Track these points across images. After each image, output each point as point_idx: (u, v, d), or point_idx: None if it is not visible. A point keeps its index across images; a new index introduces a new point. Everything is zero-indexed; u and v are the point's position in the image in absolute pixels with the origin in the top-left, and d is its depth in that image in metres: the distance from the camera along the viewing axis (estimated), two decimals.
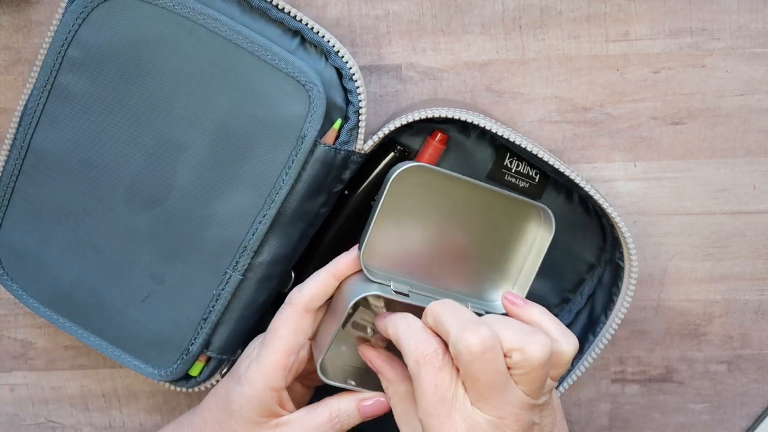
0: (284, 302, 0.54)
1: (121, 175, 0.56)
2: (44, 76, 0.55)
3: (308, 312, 0.54)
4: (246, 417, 0.54)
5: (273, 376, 0.53)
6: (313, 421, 0.54)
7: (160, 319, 0.59)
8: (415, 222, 0.55)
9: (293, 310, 0.54)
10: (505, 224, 0.57)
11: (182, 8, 0.53)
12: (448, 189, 0.55)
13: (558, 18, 0.59)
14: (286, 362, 0.53)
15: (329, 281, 0.54)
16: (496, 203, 0.56)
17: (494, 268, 0.58)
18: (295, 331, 0.54)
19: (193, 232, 0.57)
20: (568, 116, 0.61)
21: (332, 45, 0.55)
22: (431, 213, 0.55)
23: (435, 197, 0.55)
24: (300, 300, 0.54)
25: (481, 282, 0.58)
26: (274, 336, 0.54)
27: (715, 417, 0.68)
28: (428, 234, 0.56)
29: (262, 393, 0.53)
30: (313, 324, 0.55)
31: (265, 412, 0.54)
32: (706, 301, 0.65)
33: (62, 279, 0.59)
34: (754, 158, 0.61)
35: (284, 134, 0.54)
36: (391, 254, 0.55)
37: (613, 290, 0.59)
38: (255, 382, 0.53)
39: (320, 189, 0.57)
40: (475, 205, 0.56)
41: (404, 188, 0.54)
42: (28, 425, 0.69)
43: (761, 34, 0.59)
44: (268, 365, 0.53)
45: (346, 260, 0.54)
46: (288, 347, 0.53)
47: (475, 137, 0.60)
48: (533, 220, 0.57)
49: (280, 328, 0.54)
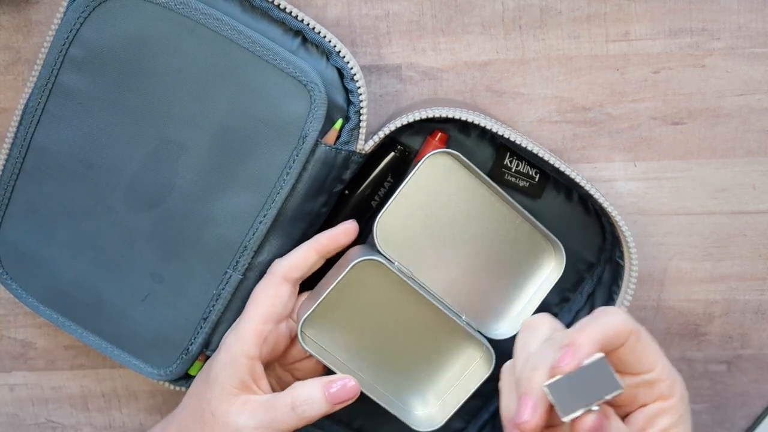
0: (266, 272, 0.56)
1: (121, 174, 0.56)
2: (45, 74, 0.55)
3: (287, 281, 0.55)
4: (220, 385, 0.54)
5: (248, 342, 0.54)
6: (275, 404, 0.53)
7: (159, 318, 0.59)
8: (440, 216, 0.57)
9: (272, 279, 0.55)
10: (520, 251, 0.58)
11: (184, 7, 0.53)
12: (479, 193, 0.57)
13: (558, 18, 0.59)
14: (262, 329, 0.54)
15: (309, 254, 0.55)
16: (518, 224, 0.58)
17: (499, 294, 0.59)
18: (273, 298, 0.54)
19: (193, 231, 0.57)
20: (568, 116, 0.61)
21: (333, 45, 0.55)
22: (457, 212, 0.57)
23: (466, 198, 0.56)
24: (279, 269, 0.55)
25: (483, 302, 0.59)
26: (252, 303, 0.55)
27: (715, 417, 0.68)
28: (448, 233, 0.57)
29: (236, 358, 0.53)
30: (292, 295, 0.55)
31: (237, 383, 0.53)
32: (706, 301, 0.65)
33: (62, 278, 0.59)
34: (754, 158, 0.61)
35: (285, 134, 0.54)
36: (401, 241, 0.57)
37: (613, 289, 0.59)
38: (230, 347, 0.54)
39: (321, 189, 0.57)
40: (500, 220, 0.57)
41: (438, 176, 0.56)
42: (28, 425, 0.69)
43: (761, 34, 0.59)
44: (244, 331, 0.54)
45: (328, 234, 0.56)
46: (264, 314, 0.54)
47: (475, 137, 0.60)
48: (548, 254, 0.59)
49: (258, 296, 0.55)
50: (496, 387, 0.65)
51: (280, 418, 0.53)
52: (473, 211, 0.57)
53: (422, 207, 0.56)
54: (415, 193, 0.56)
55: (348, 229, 0.57)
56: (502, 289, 0.59)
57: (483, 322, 0.59)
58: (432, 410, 0.59)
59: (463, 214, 0.57)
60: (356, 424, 0.66)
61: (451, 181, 0.56)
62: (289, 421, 0.53)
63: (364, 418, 0.65)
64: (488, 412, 0.65)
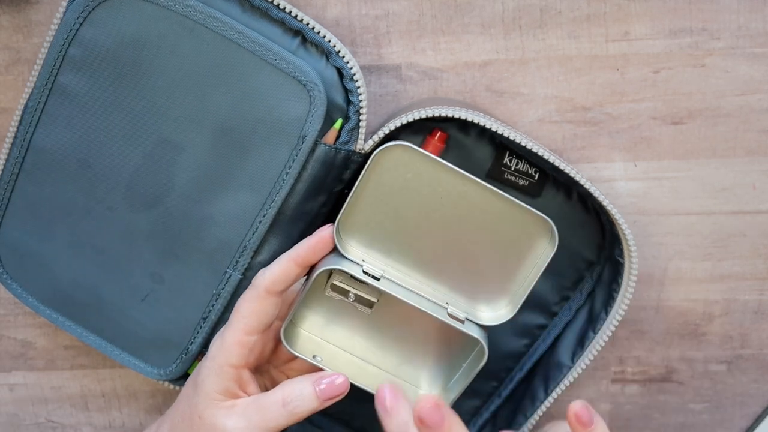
0: (251, 283, 0.55)
1: (121, 174, 0.56)
2: (45, 75, 0.55)
3: (270, 294, 0.54)
4: (206, 392, 0.54)
5: (232, 352, 0.53)
6: (265, 402, 0.53)
7: (159, 318, 0.59)
8: (408, 208, 0.55)
9: (255, 292, 0.54)
10: (506, 232, 0.55)
11: (183, 7, 0.53)
12: (445, 180, 0.54)
13: (558, 18, 0.59)
14: (246, 341, 0.53)
15: (289, 266, 0.54)
16: (500, 207, 0.54)
17: (489, 277, 0.57)
18: (257, 311, 0.54)
19: (193, 231, 0.57)
20: (568, 116, 0.61)
21: (333, 45, 0.55)
22: (427, 201, 0.55)
23: (431, 186, 0.54)
24: (261, 283, 0.54)
25: (471, 286, 0.57)
26: (236, 314, 0.54)
27: (715, 417, 0.68)
28: (423, 223, 0.55)
29: (220, 367, 0.53)
30: (277, 305, 0.55)
31: (222, 390, 0.53)
32: (706, 301, 0.65)
33: (62, 278, 0.59)
34: (754, 158, 0.61)
35: (285, 134, 0.54)
36: (375, 235, 0.55)
37: (613, 287, 0.59)
38: (215, 357, 0.54)
39: (320, 189, 0.57)
40: (476, 203, 0.55)
41: (395, 169, 0.54)
42: (28, 425, 0.69)
43: (761, 34, 0.59)
44: (227, 341, 0.54)
45: (305, 246, 0.54)
46: (248, 327, 0.54)
47: (474, 136, 0.60)
48: (538, 233, 0.55)
49: (242, 308, 0.54)
50: (495, 386, 0.66)
51: (270, 416, 0.53)
52: (445, 199, 0.55)
53: (387, 203, 0.55)
54: (375, 191, 0.54)
55: (324, 237, 0.54)
56: (491, 274, 0.56)
57: (475, 309, 0.57)
58: None
59: (434, 203, 0.55)
60: (356, 424, 0.66)
61: (411, 172, 0.54)
62: (279, 418, 0.53)
63: (364, 417, 0.65)
64: (488, 412, 0.65)
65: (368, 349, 0.59)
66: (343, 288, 0.57)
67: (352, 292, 0.57)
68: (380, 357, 0.59)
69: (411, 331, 0.59)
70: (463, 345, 0.58)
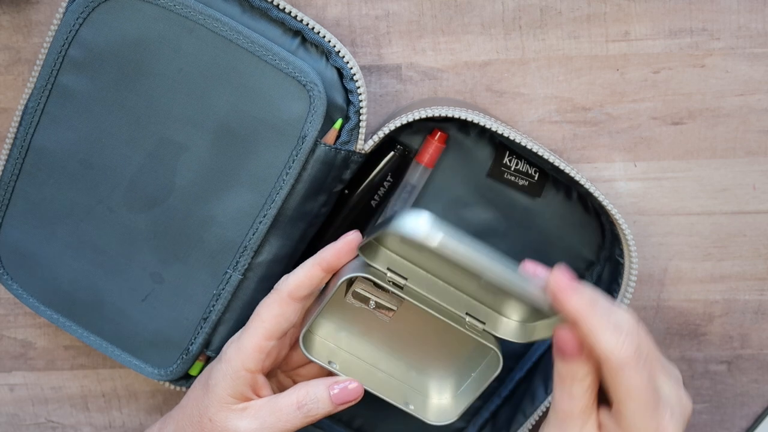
0: (273, 288, 0.55)
1: (121, 175, 0.56)
2: (45, 75, 0.55)
3: (293, 300, 0.54)
4: (218, 395, 0.54)
5: (249, 356, 0.53)
6: (279, 404, 0.53)
7: (160, 318, 0.59)
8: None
9: (278, 297, 0.54)
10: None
11: (183, 8, 0.53)
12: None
13: (558, 18, 0.59)
14: (264, 345, 0.53)
15: (314, 272, 0.54)
16: None
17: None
18: (277, 317, 0.54)
19: (193, 232, 0.57)
20: (568, 116, 0.61)
21: (333, 45, 0.55)
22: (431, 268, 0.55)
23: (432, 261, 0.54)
24: (285, 288, 0.54)
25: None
26: (256, 318, 0.54)
27: (715, 417, 0.68)
28: None
29: (236, 371, 0.53)
30: (299, 311, 0.55)
31: (236, 393, 0.53)
32: (706, 301, 0.65)
33: (62, 278, 0.59)
34: (754, 158, 0.61)
35: (285, 134, 0.54)
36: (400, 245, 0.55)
37: (613, 287, 0.59)
38: (231, 360, 0.54)
39: (320, 189, 0.57)
40: None
41: None
42: (27, 425, 0.69)
43: (761, 34, 0.59)
44: (246, 345, 0.53)
45: (332, 251, 0.54)
46: (268, 332, 0.54)
47: (474, 136, 0.60)
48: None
49: (263, 312, 0.54)
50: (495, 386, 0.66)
51: (284, 418, 0.53)
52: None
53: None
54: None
55: (351, 241, 0.54)
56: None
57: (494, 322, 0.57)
58: (445, 403, 0.59)
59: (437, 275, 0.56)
60: (356, 424, 0.66)
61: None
62: (294, 420, 0.53)
63: (364, 417, 0.66)
64: (488, 411, 0.65)
65: (380, 355, 0.59)
66: (365, 295, 0.56)
67: (374, 299, 0.57)
68: (392, 363, 0.59)
69: (425, 338, 0.59)
70: (476, 354, 0.58)
